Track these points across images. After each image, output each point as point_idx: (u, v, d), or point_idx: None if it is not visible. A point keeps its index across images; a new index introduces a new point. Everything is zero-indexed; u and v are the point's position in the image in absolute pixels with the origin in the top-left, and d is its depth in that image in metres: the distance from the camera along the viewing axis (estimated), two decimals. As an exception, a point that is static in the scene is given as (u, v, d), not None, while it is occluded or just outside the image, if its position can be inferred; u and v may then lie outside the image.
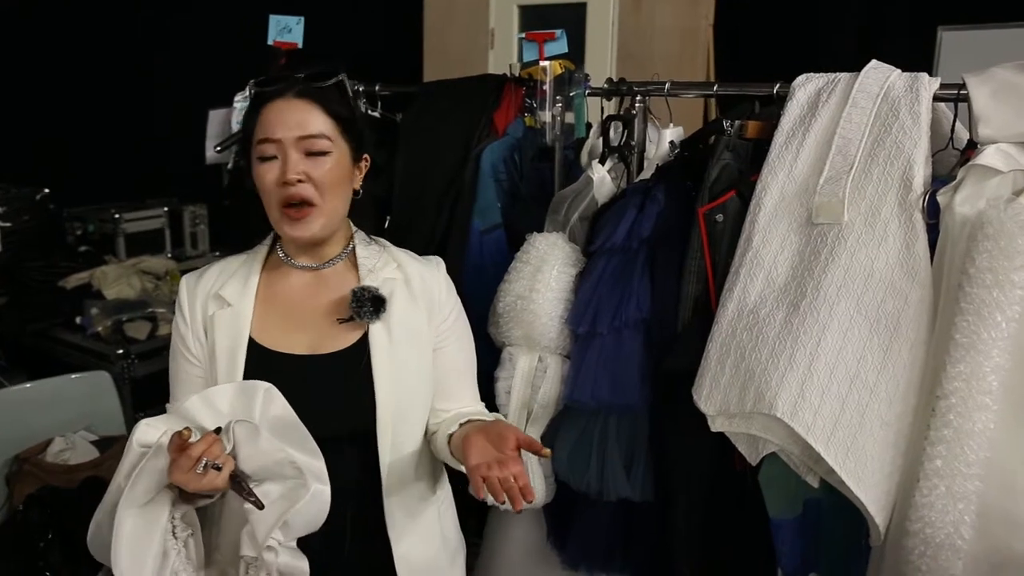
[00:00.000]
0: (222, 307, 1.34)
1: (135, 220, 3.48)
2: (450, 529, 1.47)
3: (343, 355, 1.32)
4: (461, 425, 1.34)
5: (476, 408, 1.47)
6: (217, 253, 3.69)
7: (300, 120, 1.26)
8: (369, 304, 1.31)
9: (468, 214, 2.09)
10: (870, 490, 1.31)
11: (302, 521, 1.19)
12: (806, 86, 1.54)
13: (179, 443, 1.11)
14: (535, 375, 1.66)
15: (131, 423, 2.67)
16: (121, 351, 2.79)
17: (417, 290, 1.38)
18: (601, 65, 3.38)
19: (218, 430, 1.17)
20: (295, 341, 1.33)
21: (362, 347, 1.32)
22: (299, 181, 1.25)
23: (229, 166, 2.61)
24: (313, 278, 1.37)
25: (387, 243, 1.44)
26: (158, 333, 2.91)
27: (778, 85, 1.59)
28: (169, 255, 3.56)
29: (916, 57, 1.48)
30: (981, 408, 1.26)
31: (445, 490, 1.48)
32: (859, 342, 1.34)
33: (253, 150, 1.29)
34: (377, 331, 1.33)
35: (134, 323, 2.89)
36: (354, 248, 1.39)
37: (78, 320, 2.97)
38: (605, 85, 1.83)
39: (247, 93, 2.60)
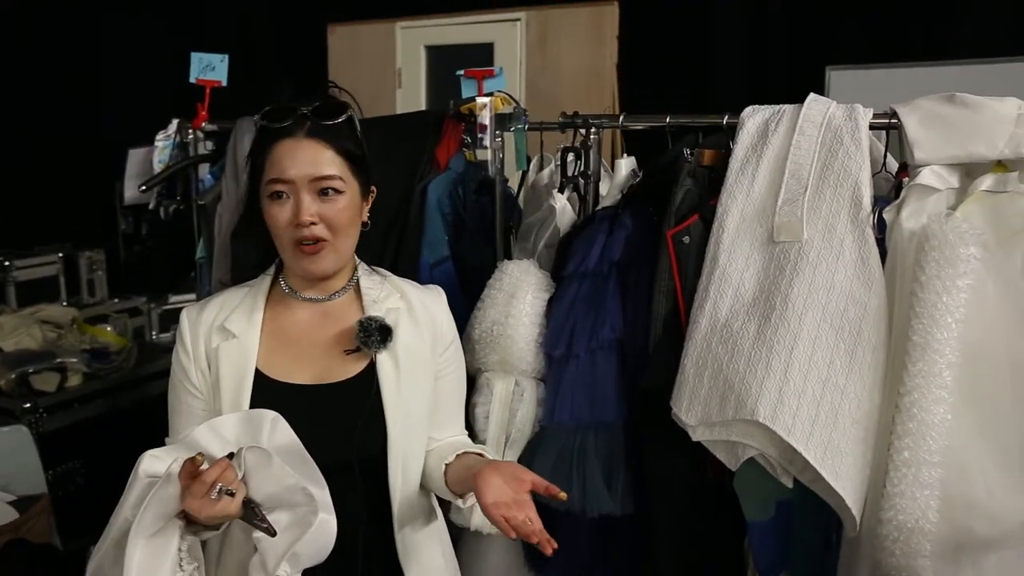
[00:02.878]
0: (227, 339, 1.32)
1: (27, 268, 3.29)
2: (448, 555, 1.49)
3: (350, 384, 1.33)
4: (458, 457, 1.38)
5: (463, 439, 1.51)
6: (116, 300, 3.52)
7: (312, 160, 1.27)
8: (377, 334, 1.32)
9: (416, 248, 2.11)
10: (847, 484, 1.42)
11: (309, 552, 1.19)
12: (754, 116, 1.67)
13: (191, 469, 1.11)
14: (512, 399, 1.69)
15: (47, 480, 2.52)
16: (28, 405, 2.62)
17: (421, 319, 1.40)
18: (509, 103, 3.49)
19: (231, 455, 1.16)
20: (301, 372, 1.33)
21: (369, 376, 1.33)
22: (312, 223, 1.26)
23: (151, 206, 2.54)
24: (319, 310, 1.37)
25: (388, 273, 1.46)
26: (68, 384, 2.76)
27: (727, 116, 1.71)
28: (65, 303, 3.37)
29: (807, 95, 1.65)
30: (939, 401, 1.40)
31: (440, 516, 1.50)
32: (827, 348, 1.46)
33: (262, 187, 1.29)
34: (384, 360, 1.34)
35: (41, 375, 2.72)
36: (358, 280, 1.40)
37: (-26, 375, 2.76)
38: (560, 119, 1.91)
39: (169, 132, 2.54)
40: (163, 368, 2.95)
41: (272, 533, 1.14)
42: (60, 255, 3.41)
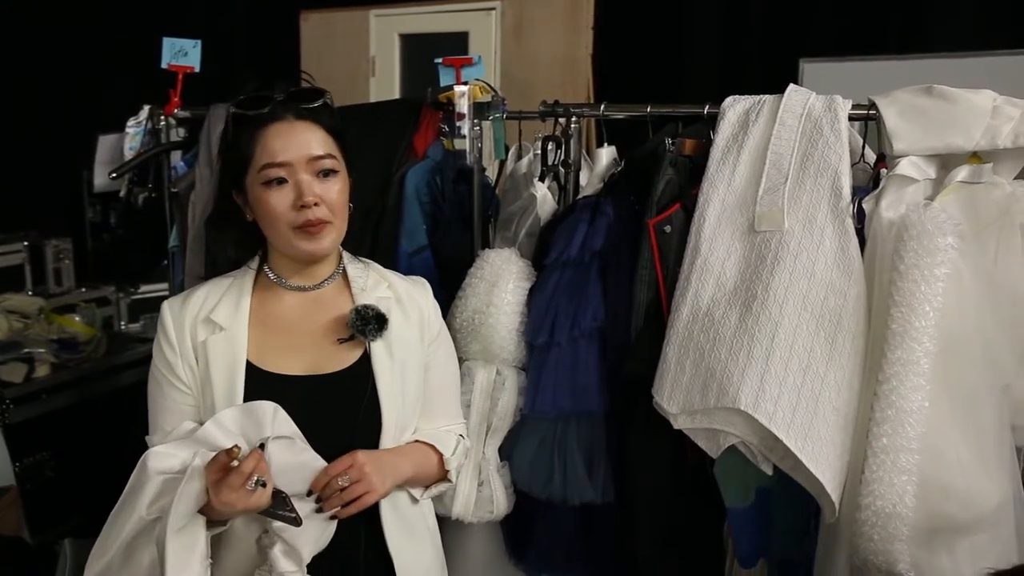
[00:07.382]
0: (214, 332, 1.30)
1: (-10, 256, 3.22)
2: (437, 544, 1.50)
3: (346, 374, 1.33)
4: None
5: (453, 428, 1.51)
6: (83, 289, 3.45)
7: (307, 141, 1.26)
8: (374, 322, 1.32)
9: (395, 237, 2.10)
10: (827, 470, 1.44)
11: (322, 540, 1.22)
12: (735, 107, 1.68)
13: (225, 461, 1.10)
14: (494, 388, 1.69)
15: (15, 473, 2.47)
16: (-6, 396, 2.56)
17: (408, 308, 1.40)
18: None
19: (261, 446, 1.16)
20: (293, 362, 1.32)
21: (364, 366, 1.33)
22: (315, 204, 1.25)
23: (122, 194, 2.49)
24: (307, 299, 1.36)
25: (369, 261, 1.45)
26: (35, 375, 2.70)
27: (707, 106, 1.72)
28: (31, 292, 3.30)
29: (780, 86, 1.66)
30: (916, 389, 1.42)
31: (432, 512, 1.51)
32: (808, 336, 1.48)
33: (251, 175, 1.27)
34: (378, 349, 1.34)
35: (7, 366, 2.66)
36: (345, 268, 1.39)
37: (-63, 366, 2.70)
38: (540, 107, 1.90)
39: (140, 118, 2.49)
40: (133, 359, 2.90)
41: (299, 523, 1.15)
42: (25, 243, 3.34)
